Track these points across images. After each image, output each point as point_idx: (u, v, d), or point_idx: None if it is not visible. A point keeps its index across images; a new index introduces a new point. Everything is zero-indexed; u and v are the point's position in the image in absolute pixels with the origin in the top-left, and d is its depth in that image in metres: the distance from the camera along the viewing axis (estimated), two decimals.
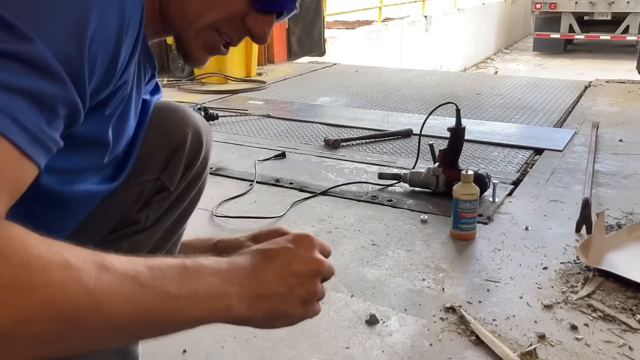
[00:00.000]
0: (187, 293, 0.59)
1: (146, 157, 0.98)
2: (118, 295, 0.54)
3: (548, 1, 11.10)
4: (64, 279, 0.50)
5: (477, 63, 11.87)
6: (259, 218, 2.08)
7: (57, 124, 0.61)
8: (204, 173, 1.08)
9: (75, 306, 0.51)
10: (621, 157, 2.75)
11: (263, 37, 0.85)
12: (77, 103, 0.62)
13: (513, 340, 1.38)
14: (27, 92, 0.56)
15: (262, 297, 0.66)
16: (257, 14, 0.83)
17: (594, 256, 1.71)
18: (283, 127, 3.34)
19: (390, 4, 9.28)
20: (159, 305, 0.57)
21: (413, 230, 1.99)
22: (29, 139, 0.56)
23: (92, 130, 0.74)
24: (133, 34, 0.70)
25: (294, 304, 0.68)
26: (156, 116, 0.98)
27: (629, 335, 1.40)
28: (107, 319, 0.53)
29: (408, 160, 2.69)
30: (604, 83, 4.59)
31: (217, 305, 0.62)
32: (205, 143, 1.06)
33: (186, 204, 1.07)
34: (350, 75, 5.04)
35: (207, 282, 0.61)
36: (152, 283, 0.57)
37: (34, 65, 0.57)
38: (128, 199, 0.98)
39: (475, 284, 1.64)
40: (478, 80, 4.88)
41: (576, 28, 11.17)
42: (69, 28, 0.60)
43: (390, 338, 1.40)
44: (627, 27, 10.69)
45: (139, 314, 0.55)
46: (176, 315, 0.58)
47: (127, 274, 0.55)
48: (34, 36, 0.57)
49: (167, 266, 0.59)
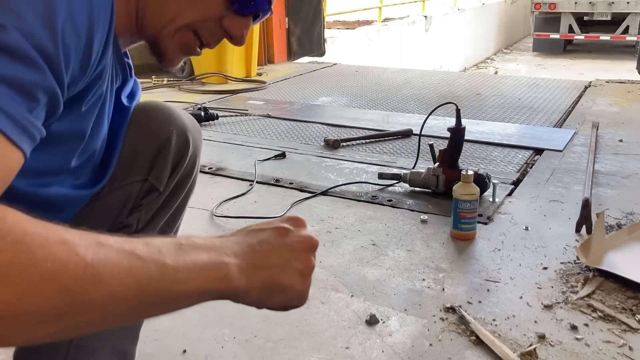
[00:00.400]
0: (184, 264, 0.58)
1: (130, 159, 0.98)
2: (118, 268, 0.53)
3: (548, 1, 11.05)
4: (63, 253, 0.50)
5: (477, 63, 11.87)
6: (259, 218, 2.08)
7: (39, 112, 0.61)
8: (193, 171, 1.08)
9: (76, 279, 0.50)
10: (621, 157, 2.75)
11: (240, 38, 0.86)
12: (56, 90, 0.62)
13: (513, 340, 1.38)
14: (6, 79, 0.56)
15: (260, 267, 0.65)
16: (234, 16, 0.84)
17: (594, 256, 1.71)
18: (283, 127, 3.34)
19: (390, 4, 9.28)
20: (158, 277, 0.56)
21: (413, 230, 1.99)
22: (13, 126, 0.56)
23: (66, 127, 0.74)
24: (104, 28, 0.70)
25: (292, 276, 0.67)
26: (139, 117, 0.98)
27: (629, 336, 1.40)
28: (108, 290, 0.52)
29: (408, 160, 2.69)
30: (604, 83, 4.59)
31: (216, 275, 0.61)
32: (192, 141, 1.05)
33: (177, 204, 1.07)
34: (350, 76, 5.05)
35: (204, 255, 0.61)
36: (149, 257, 0.56)
37: (11, 53, 0.56)
38: (115, 202, 0.98)
39: (475, 284, 1.64)
40: (478, 81, 4.88)
41: (576, 28, 11.12)
42: (39, 18, 0.60)
43: (390, 338, 1.40)
44: (627, 27, 10.65)
45: (140, 286, 0.54)
46: (177, 287, 0.57)
47: (124, 248, 0.55)
48: (7, 25, 0.56)
49: (162, 243, 0.59)
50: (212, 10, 0.83)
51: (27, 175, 0.72)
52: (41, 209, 0.80)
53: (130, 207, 1.00)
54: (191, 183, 1.09)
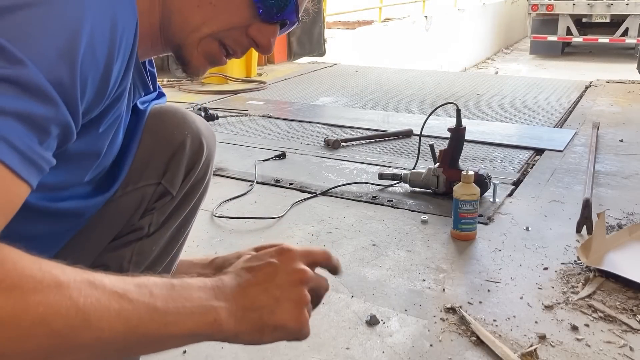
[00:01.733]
0: (175, 308, 0.61)
1: (144, 163, 0.98)
2: (108, 312, 0.56)
3: (545, 3, 10.85)
4: (55, 298, 0.53)
5: (477, 63, 11.86)
6: (259, 219, 2.08)
7: (50, 143, 0.62)
8: (206, 176, 1.08)
9: (66, 323, 0.53)
10: (622, 158, 2.75)
11: (267, 47, 0.85)
12: (69, 123, 0.63)
13: (513, 341, 1.38)
14: (18, 114, 0.57)
15: (249, 309, 0.67)
16: (261, 24, 0.82)
17: (594, 256, 1.71)
18: (283, 127, 3.34)
19: (390, 4, 9.28)
20: (148, 320, 0.59)
21: (413, 231, 1.99)
22: (20, 159, 0.57)
23: (82, 147, 0.74)
24: (125, 53, 0.70)
25: (283, 315, 0.68)
26: (154, 121, 0.98)
27: (629, 336, 1.40)
28: (97, 334, 0.55)
29: (408, 160, 2.68)
30: (605, 83, 4.59)
31: (205, 319, 0.63)
32: (207, 146, 1.04)
33: (189, 208, 1.06)
34: (351, 76, 5.04)
35: (195, 297, 0.63)
36: (140, 299, 0.59)
37: (26, 88, 0.58)
38: (128, 205, 0.98)
39: (475, 284, 1.64)
40: (478, 81, 4.88)
41: (574, 31, 10.90)
42: (60, 50, 0.60)
43: (390, 339, 1.40)
44: (626, 29, 10.43)
45: (129, 329, 0.57)
46: (165, 330, 0.60)
47: (116, 291, 0.58)
48: (25, 59, 0.57)
49: (154, 284, 0.62)
50: (238, 19, 0.81)
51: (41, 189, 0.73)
52: (58, 218, 0.81)
53: (143, 210, 1.00)
54: (204, 188, 1.08)
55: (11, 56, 0.57)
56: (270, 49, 0.86)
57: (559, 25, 10.96)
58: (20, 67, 0.57)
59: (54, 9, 0.61)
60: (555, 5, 10.78)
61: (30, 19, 0.59)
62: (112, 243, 0.99)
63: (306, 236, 1.95)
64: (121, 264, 0.99)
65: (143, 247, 1.00)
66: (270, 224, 2.06)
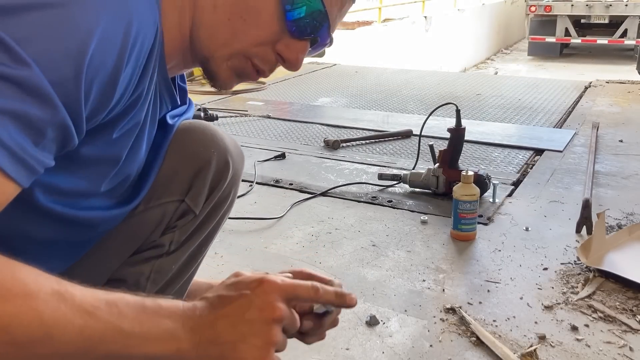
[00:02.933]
0: (140, 332, 0.62)
1: (168, 178, 0.96)
2: (71, 327, 0.57)
3: (543, 4, 10.70)
4: (20, 308, 0.54)
5: (477, 63, 11.85)
6: (259, 219, 2.08)
7: (46, 145, 0.62)
8: (230, 196, 1.05)
9: (26, 335, 0.55)
10: (621, 158, 2.75)
11: (295, 63, 0.82)
12: (68, 126, 0.63)
13: (513, 341, 1.38)
14: (15, 114, 0.57)
15: (213, 343, 0.66)
16: (290, 40, 0.80)
17: (594, 257, 1.71)
18: (283, 127, 3.33)
19: (390, 4, 9.28)
20: (111, 340, 0.60)
21: (413, 231, 1.99)
22: (10, 158, 0.58)
23: (96, 152, 0.74)
24: (139, 59, 0.69)
25: (246, 352, 0.66)
26: (182, 137, 0.96)
27: (629, 336, 1.40)
28: (56, 348, 0.57)
29: (408, 161, 2.68)
30: (604, 83, 4.59)
31: (168, 346, 0.64)
32: (233, 165, 1.02)
33: (211, 228, 1.04)
34: (350, 76, 5.04)
35: (162, 324, 0.64)
36: (107, 318, 0.60)
37: (27, 90, 0.58)
38: (150, 220, 0.97)
39: (475, 284, 1.64)
40: (478, 81, 4.88)
41: (572, 32, 10.72)
42: (67, 52, 0.60)
43: (390, 339, 1.40)
44: (625, 30, 10.26)
45: (90, 346, 0.59)
46: (126, 351, 0.61)
47: (84, 307, 0.59)
48: (30, 61, 0.58)
49: (126, 304, 0.62)
50: (268, 33, 0.79)
51: (57, 194, 0.74)
52: (76, 226, 0.81)
53: (164, 227, 0.99)
54: (227, 207, 1.06)
55: (17, 56, 0.57)
56: (298, 65, 0.83)
57: (557, 27, 10.79)
58: (23, 68, 0.58)
59: (68, 13, 0.61)
60: (553, 6, 10.64)
61: (43, 20, 0.60)
62: (131, 258, 0.98)
63: (306, 237, 1.95)
64: (139, 280, 0.98)
65: (163, 265, 0.99)
66: (270, 225, 2.06)
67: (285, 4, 0.77)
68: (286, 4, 0.77)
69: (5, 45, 0.57)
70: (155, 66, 0.75)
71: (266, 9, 0.78)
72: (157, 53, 0.74)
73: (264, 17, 0.78)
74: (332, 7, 0.81)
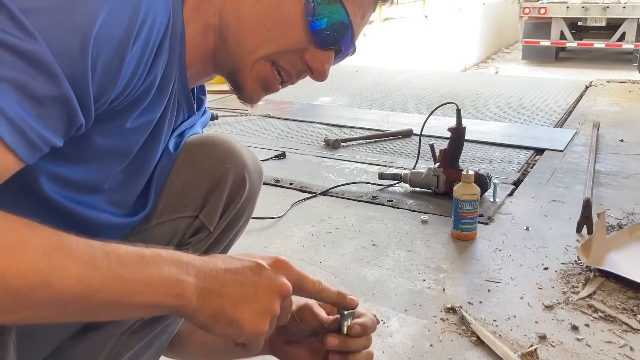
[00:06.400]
0: (140, 278, 0.61)
1: (182, 193, 0.93)
2: (69, 275, 0.56)
3: (537, 6, 10.16)
4: (17, 257, 0.54)
5: (477, 63, 11.85)
6: (259, 218, 2.08)
7: (50, 121, 0.60)
8: (244, 213, 1.02)
9: (23, 282, 0.54)
10: (622, 157, 2.75)
11: (322, 72, 0.82)
12: (71, 99, 0.61)
13: (514, 341, 1.38)
14: (17, 84, 0.56)
15: (215, 293, 0.65)
16: (316, 50, 0.80)
17: (595, 256, 1.71)
18: (283, 127, 3.33)
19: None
20: (110, 287, 0.59)
21: (413, 231, 1.98)
22: (11, 129, 0.56)
23: (109, 142, 0.73)
24: (147, 43, 0.68)
25: (244, 313, 0.66)
26: (198, 150, 0.94)
27: (629, 336, 1.40)
28: (54, 295, 0.56)
29: (408, 160, 2.68)
30: (605, 83, 4.59)
31: (169, 291, 0.62)
32: (250, 181, 0.99)
33: (224, 245, 1.02)
34: (351, 75, 5.04)
35: (164, 270, 0.62)
36: (105, 266, 0.59)
37: (30, 61, 0.57)
38: (161, 236, 0.94)
39: (475, 284, 1.64)
40: (478, 80, 4.88)
41: (568, 35, 10.20)
42: (75, 24, 0.60)
43: (390, 339, 1.40)
44: (623, 34, 9.74)
45: (88, 294, 0.58)
46: (127, 299, 0.60)
47: (82, 257, 0.58)
48: (35, 31, 0.57)
49: (125, 252, 0.61)
50: (293, 43, 0.79)
51: (64, 185, 0.73)
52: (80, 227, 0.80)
53: (177, 243, 0.96)
54: (241, 225, 1.04)
55: (23, 28, 0.57)
56: (325, 75, 0.83)
57: (552, 30, 10.25)
58: (29, 40, 0.57)
59: None
60: (548, 8, 10.11)
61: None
62: None
63: (306, 236, 1.95)
64: None
65: None
66: (270, 224, 2.05)
67: (307, 14, 0.77)
68: (308, 15, 0.77)
69: (12, 14, 0.57)
70: (174, 62, 0.74)
71: (291, 20, 0.78)
72: (172, 45, 0.73)
73: (289, 27, 0.78)
74: (354, 16, 0.81)
